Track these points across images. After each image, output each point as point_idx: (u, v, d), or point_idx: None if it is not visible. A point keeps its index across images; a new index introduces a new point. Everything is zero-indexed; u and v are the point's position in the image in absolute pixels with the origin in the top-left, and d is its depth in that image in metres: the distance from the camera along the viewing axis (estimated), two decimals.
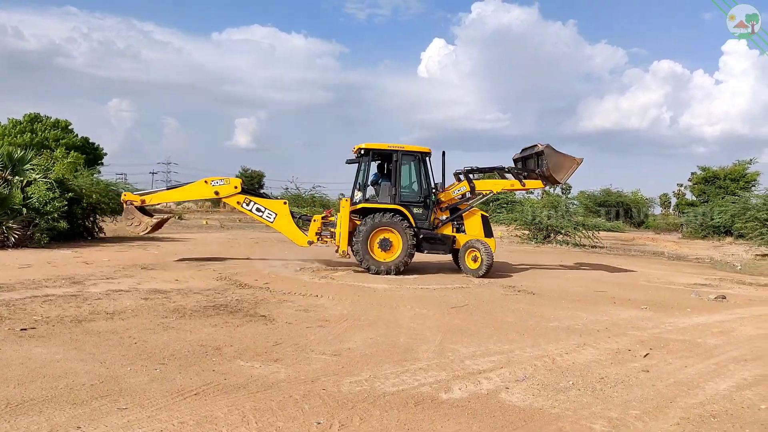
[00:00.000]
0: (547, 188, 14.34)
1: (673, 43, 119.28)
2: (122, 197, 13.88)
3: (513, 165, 14.67)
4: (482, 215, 13.82)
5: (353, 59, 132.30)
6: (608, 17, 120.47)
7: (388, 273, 12.33)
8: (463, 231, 13.53)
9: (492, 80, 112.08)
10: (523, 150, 14.61)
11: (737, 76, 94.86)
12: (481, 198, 14.42)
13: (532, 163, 14.06)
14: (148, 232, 13.97)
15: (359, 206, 12.81)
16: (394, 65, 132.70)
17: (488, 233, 13.63)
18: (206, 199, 56.11)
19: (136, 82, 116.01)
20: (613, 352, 6.47)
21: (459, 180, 14.10)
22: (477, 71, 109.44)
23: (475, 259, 12.83)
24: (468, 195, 14.06)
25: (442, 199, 13.61)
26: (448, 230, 13.42)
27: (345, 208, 12.78)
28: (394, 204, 12.84)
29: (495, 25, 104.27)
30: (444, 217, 13.56)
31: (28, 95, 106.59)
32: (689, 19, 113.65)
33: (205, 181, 13.55)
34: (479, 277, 12.49)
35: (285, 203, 13.57)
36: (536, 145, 13.83)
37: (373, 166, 13.58)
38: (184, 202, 56.52)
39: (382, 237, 12.54)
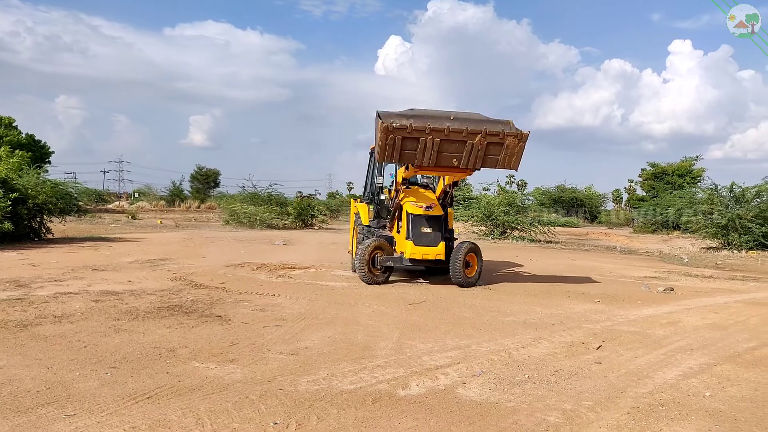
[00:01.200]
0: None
1: (623, 42, 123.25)
2: None
3: None
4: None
5: (309, 56, 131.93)
6: (561, 17, 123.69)
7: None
8: None
9: (448, 78, 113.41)
10: None
11: (683, 75, 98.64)
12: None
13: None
14: None
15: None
16: (351, 62, 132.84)
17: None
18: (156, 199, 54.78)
19: (85, 79, 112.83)
20: (567, 345, 6.62)
21: None
22: (434, 69, 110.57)
23: None
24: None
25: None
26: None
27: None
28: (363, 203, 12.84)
29: (451, 23, 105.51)
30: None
31: None
32: (638, 20, 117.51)
33: None
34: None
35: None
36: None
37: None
38: (138, 201, 55.12)
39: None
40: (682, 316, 8.65)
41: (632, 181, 58.02)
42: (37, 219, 18.55)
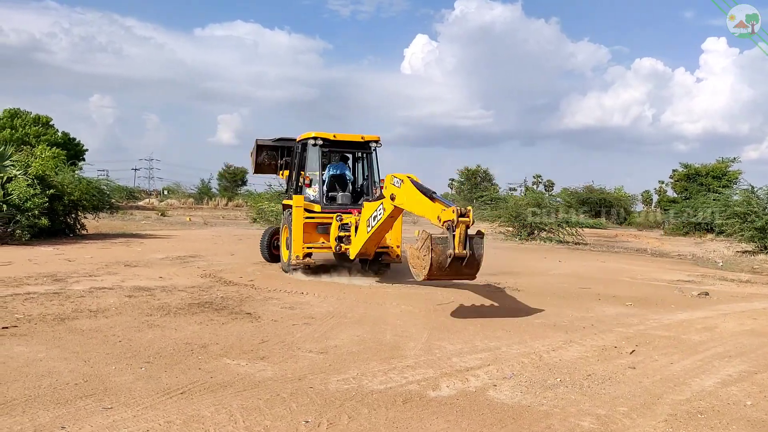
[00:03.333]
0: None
1: (654, 40, 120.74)
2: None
3: None
4: None
5: (337, 56, 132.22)
6: (591, 15, 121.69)
7: None
8: None
9: (475, 77, 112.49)
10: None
11: (717, 74, 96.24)
12: None
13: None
14: None
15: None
16: (378, 62, 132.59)
17: None
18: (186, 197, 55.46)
19: (118, 78, 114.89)
20: (599, 349, 6.51)
21: None
22: (460, 68, 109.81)
23: None
24: None
25: None
26: None
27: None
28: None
29: (478, 22, 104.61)
30: None
31: (8, 91, 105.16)
32: (670, 18, 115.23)
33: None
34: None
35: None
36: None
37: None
38: (167, 199, 56.05)
39: None
40: (718, 322, 8.44)
41: (663, 183, 56.95)
42: (72, 215, 18.99)
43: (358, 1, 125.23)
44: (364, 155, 11.96)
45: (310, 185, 11.41)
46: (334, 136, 11.35)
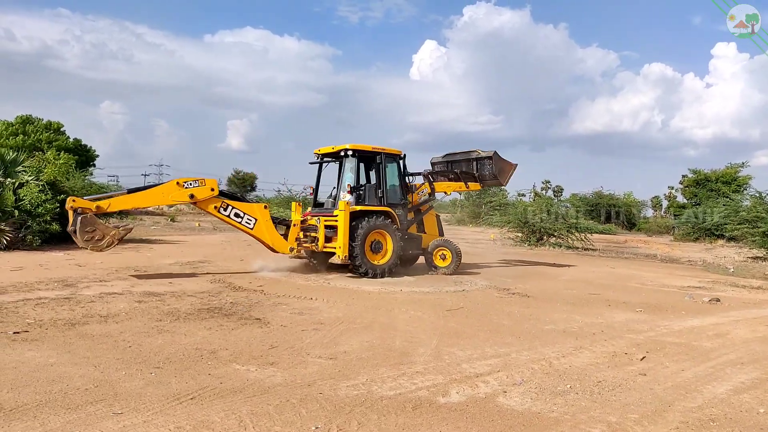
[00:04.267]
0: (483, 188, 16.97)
1: (663, 46, 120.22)
2: (68, 204, 11.00)
3: (444, 167, 15.64)
4: (436, 215, 14.72)
5: (346, 62, 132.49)
6: (599, 20, 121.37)
7: (382, 275, 12.30)
8: (423, 231, 14.03)
9: (484, 82, 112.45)
10: (447, 155, 15.70)
11: (727, 79, 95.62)
12: (433, 199, 14.96)
13: (464, 166, 15.12)
14: (112, 247, 11.17)
15: (357, 208, 12.46)
16: (387, 68, 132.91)
17: (441, 232, 14.53)
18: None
19: (128, 84, 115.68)
20: (609, 355, 6.47)
21: (429, 181, 14.58)
22: (469, 74, 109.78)
23: (443, 257, 13.53)
24: (428, 196, 14.65)
25: (411, 201, 13.91)
26: (413, 230, 13.77)
27: (346, 211, 12.13)
28: (383, 206, 12.82)
29: (487, 27, 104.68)
30: (410, 217, 13.77)
31: (20, 97, 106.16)
32: (679, 23, 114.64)
33: (177, 183, 11.59)
34: (449, 274, 13.18)
35: (265, 207, 12.60)
36: (475, 151, 14.91)
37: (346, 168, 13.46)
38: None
39: (373, 240, 12.48)
40: (730, 328, 8.36)
41: (672, 188, 56.46)
42: None
43: (367, 7, 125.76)
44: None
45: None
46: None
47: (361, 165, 13.59)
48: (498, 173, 14.68)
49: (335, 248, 12.22)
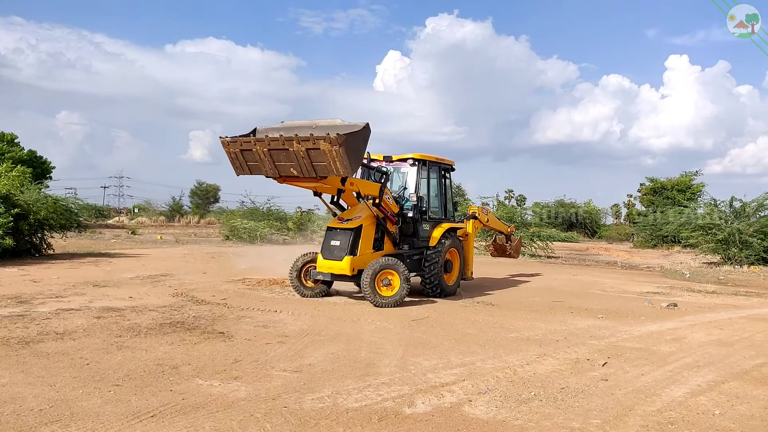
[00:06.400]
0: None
1: (620, 58, 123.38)
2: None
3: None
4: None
5: (310, 72, 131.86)
6: (559, 33, 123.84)
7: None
8: None
9: (447, 94, 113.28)
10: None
11: (681, 90, 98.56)
12: None
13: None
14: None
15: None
16: (351, 78, 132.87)
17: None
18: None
19: (87, 95, 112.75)
20: (572, 362, 6.57)
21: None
22: (432, 85, 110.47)
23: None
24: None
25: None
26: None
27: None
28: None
29: (450, 39, 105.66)
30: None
31: None
32: (634, 36, 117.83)
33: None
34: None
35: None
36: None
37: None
38: (138, 217, 55.13)
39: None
40: (687, 332, 8.61)
41: (631, 196, 58.04)
42: (38, 235, 18.51)
43: (330, 18, 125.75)
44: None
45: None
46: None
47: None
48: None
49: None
